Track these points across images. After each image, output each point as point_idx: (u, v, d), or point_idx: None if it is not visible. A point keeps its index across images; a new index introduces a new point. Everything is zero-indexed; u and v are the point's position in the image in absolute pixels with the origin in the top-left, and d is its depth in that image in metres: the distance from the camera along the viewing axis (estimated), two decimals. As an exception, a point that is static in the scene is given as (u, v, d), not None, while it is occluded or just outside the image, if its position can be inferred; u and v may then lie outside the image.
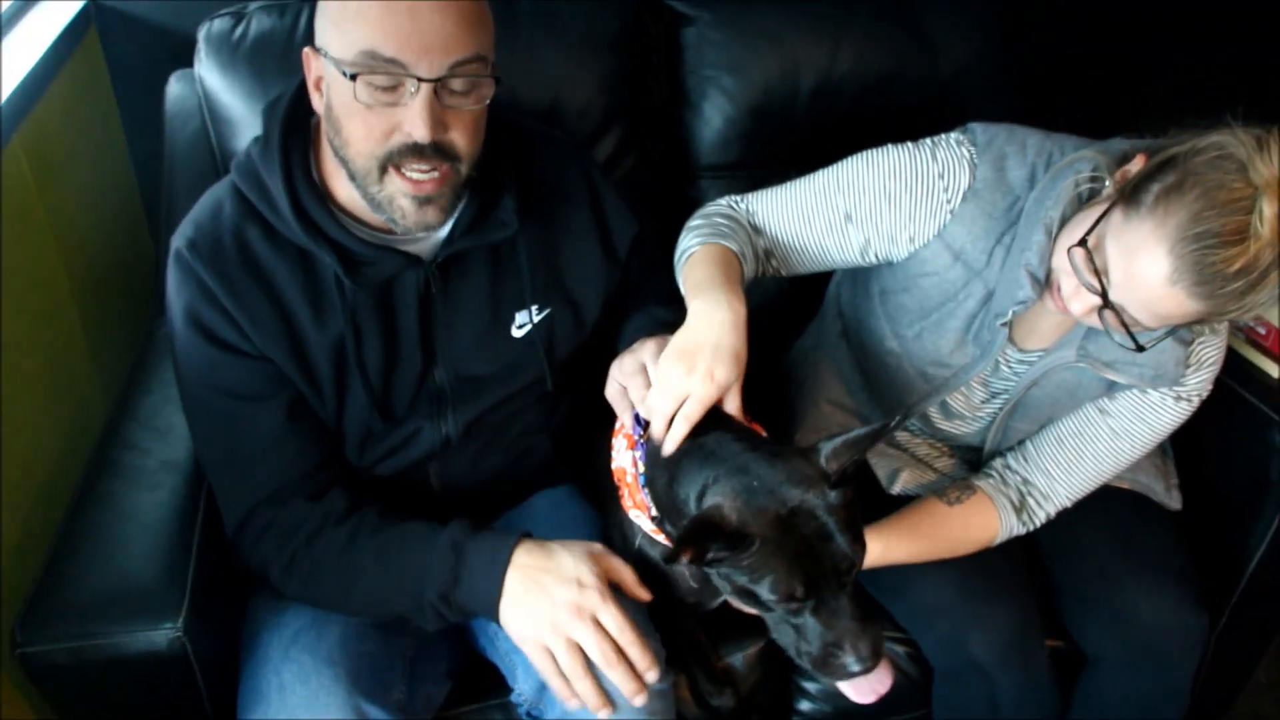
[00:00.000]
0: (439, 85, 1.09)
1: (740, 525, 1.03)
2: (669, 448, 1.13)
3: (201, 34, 1.61)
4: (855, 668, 1.05)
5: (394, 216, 1.16)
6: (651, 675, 1.14)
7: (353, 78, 1.08)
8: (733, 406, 1.16)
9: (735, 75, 1.78)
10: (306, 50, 1.16)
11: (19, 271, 1.45)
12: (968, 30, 1.83)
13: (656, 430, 1.14)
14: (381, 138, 1.11)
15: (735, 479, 1.07)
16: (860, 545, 1.06)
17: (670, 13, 1.81)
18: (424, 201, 1.15)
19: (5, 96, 1.43)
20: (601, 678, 1.15)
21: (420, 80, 1.07)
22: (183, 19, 1.81)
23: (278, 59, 1.58)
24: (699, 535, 1.03)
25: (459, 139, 1.13)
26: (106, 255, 1.82)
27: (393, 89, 1.09)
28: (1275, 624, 1.71)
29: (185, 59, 1.71)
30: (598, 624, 1.13)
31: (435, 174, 1.13)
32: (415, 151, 1.11)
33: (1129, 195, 1.14)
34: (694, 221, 1.40)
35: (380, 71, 1.07)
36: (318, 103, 1.17)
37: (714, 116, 1.81)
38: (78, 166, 1.75)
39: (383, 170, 1.13)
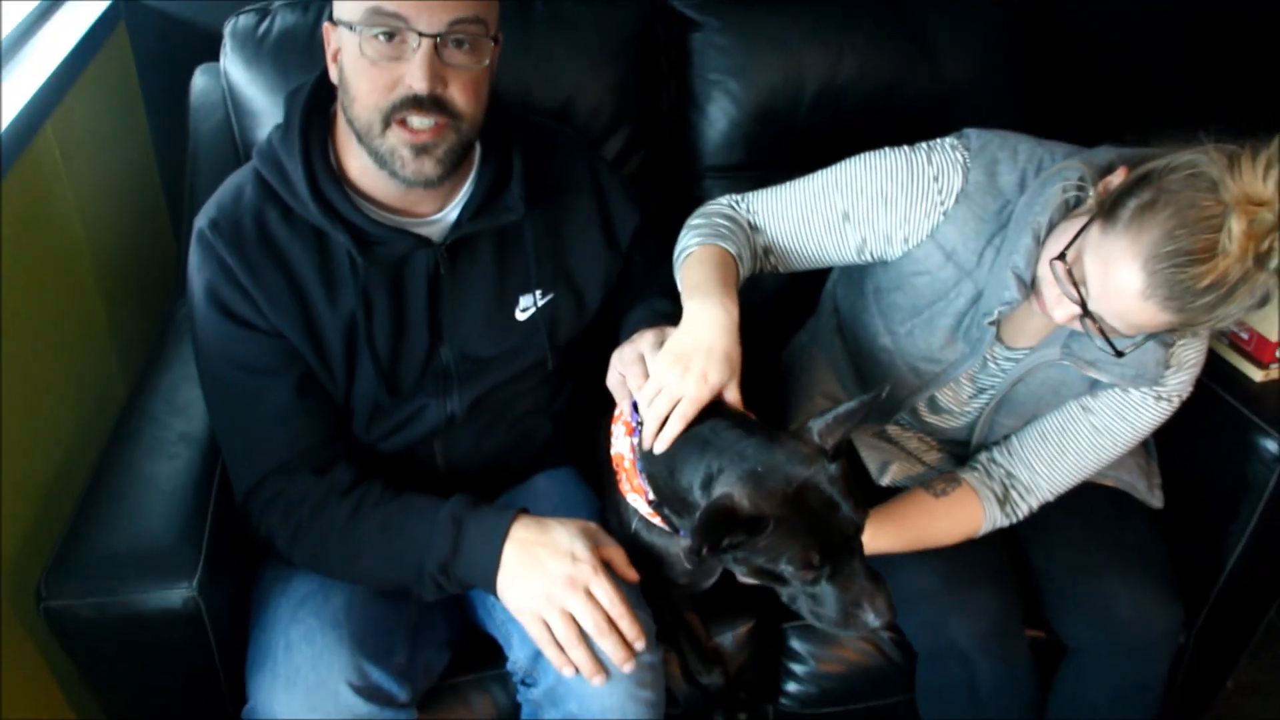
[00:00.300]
0: (438, 42, 1.15)
1: (753, 510, 1.08)
2: (660, 447, 1.17)
3: (227, 29, 1.66)
4: (875, 623, 1.11)
5: (394, 168, 1.21)
6: (640, 645, 1.19)
7: (361, 31, 1.14)
8: (733, 398, 1.21)
9: (741, 80, 1.81)
10: (325, 24, 1.23)
11: (47, 251, 1.52)
12: (969, 41, 1.86)
13: (649, 429, 1.19)
14: (385, 91, 1.17)
15: (738, 466, 1.11)
16: (863, 510, 1.11)
17: (679, 19, 1.84)
18: (420, 150, 1.20)
19: (39, 85, 1.49)
20: (594, 647, 1.19)
21: (420, 35, 1.14)
22: (207, 15, 1.86)
23: (300, 54, 1.63)
24: (718, 527, 1.07)
25: (458, 96, 1.19)
26: (128, 239, 1.87)
27: (396, 44, 1.15)
28: (1252, 624, 1.74)
29: (209, 53, 1.76)
30: (590, 595, 1.18)
31: (432, 124, 1.18)
32: (415, 104, 1.17)
33: (1107, 210, 1.18)
34: (694, 220, 1.44)
35: (382, 26, 1.13)
36: (334, 73, 1.24)
37: (719, 119, 1.84)
38: (103, 154, 1.80)
39: (385, 124, 1.18)
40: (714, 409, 1.19)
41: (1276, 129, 1.12)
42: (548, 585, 1.18)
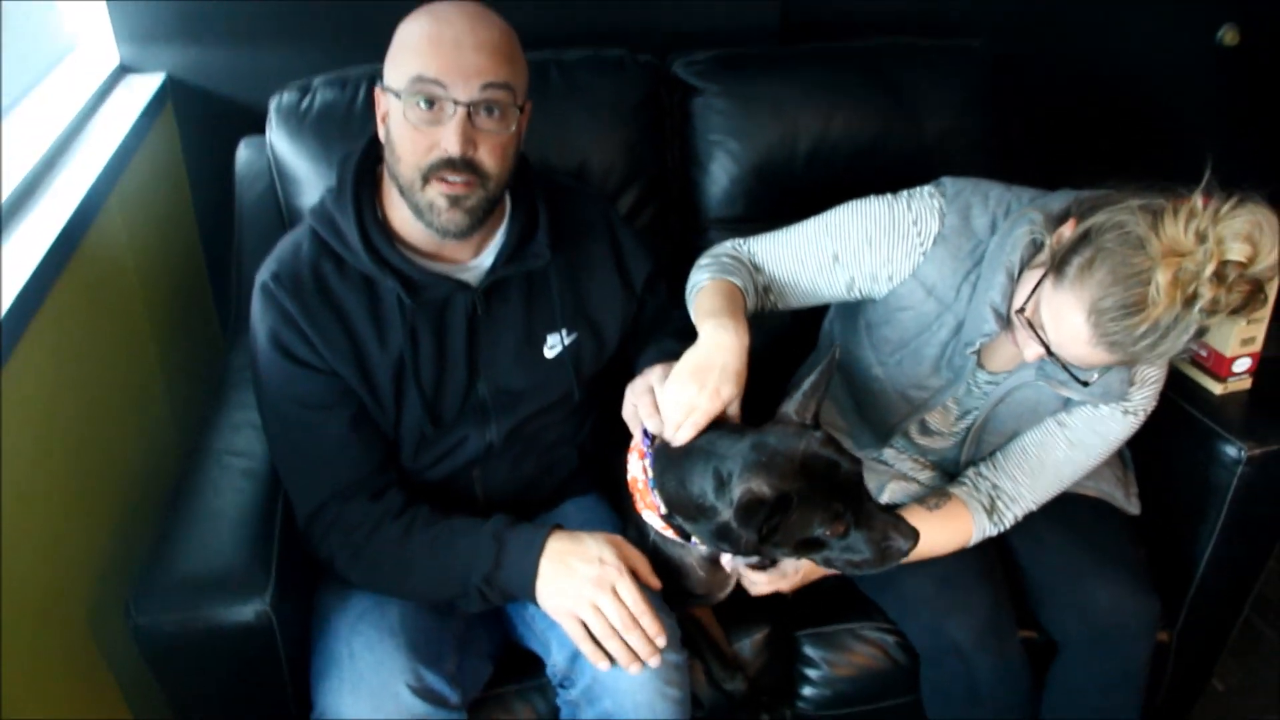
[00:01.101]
0: (471, 109, 1.30)
1: (775, 492, 1.21)
2: (679, 441, 1.31)
3: (273, 104, 1.80)
4: (905, 546, 1.26)
5: (431, 219, 1.35)
6: (661, 641, 1.32)
7: (405, 99, 1.29)
8: (734, 413, 1.35)
9: (739, 140, 1.93)
10: (376, 89, 1.38)
11: (113, 313, 1.67)
12: (943, 100, 1.99)
13: (668, 430, 1.32)
14: (424, 152, 1.31)
15: (745, 460, 1.25)
16: (858, 460, 1.26)
17: (682, 85, 1.97)
18: (454, 201, 1.34)
19: (105, 162, 1.63)
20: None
21: (456, 103, 1.29)
22: (245, 92, 2.04)
23: (340, 125, 1.77)
24: (753, 516, 1.20)
25: (486, 158, 1.33)
26: (177, 299, 2.02)
27: (435, 111, 1.30)
28: (1229, 621, 1.85)
29: (247, 127, 1.93)
30: (616, 594, 1.31)
31: (463, 180, 1.33)
32: (449, 165, 1.31)
33: (1057, 266, 1.33)
34: (703, 260, 1.58)
35: (425, 92, 1.28)
36: (382, 133, 1.38)
37: (721, 176, 1.96)
38: (156, 223, 1.95)
39: (425, 180, 1.33)
40: (713, 423, 1.33)
41: (1196, 163, 1.27)
42: (579, 586, 1.32)
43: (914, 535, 1.27)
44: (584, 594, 1.31)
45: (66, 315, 1.45)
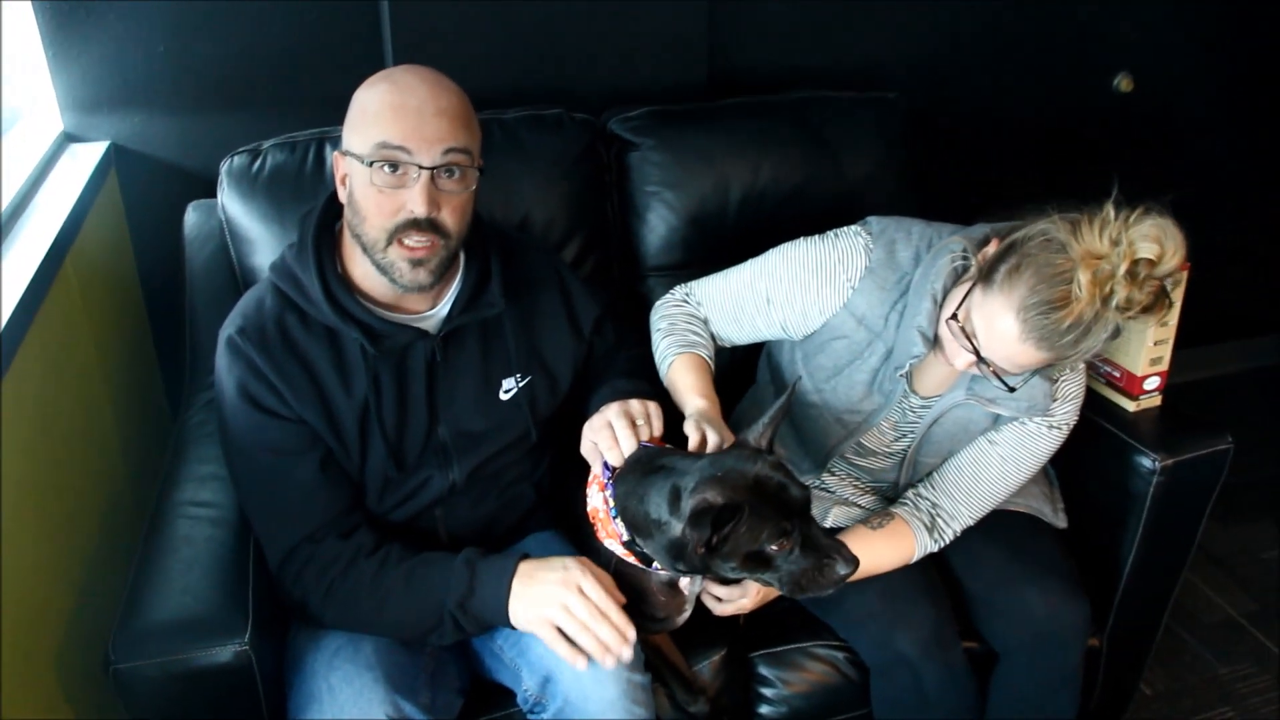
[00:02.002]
0: (434, 173, 1.37)
1: (728, 500, 1.30)
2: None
3: (224, 168, 1.84)
4: (844, 569, 1.35)
5: (394, 277, 1.42)
6: (631, 633, 1.38)
7: (370, 164, 1.35)
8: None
9: (675, 190, 2.02)
10: (335, 154, 1.44)
11: (71, 376, 1.71)
12: (865, 146, 2.11)
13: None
14: (391, 214, 1.38)
15: (699, 476, 1.33)
16: (806, 488, 1.35)
17: (618, 140, 2.06)
18: (416, 264, 1.41)
19: (57, 231, 1.65)
20: None
21: (421, 168, 1.36)
22: (188, 158, 2.09)
23: (291, 186, 1.83)
24: (703, 519, 1.28)
25: (448, 218, 1.41)
26: (129, 362, 2.05)
27: (400, 175, 1.37)
28: (1154, 624, 1.96)
29: (191, 192, 1.98)
30: (583, 593, 1.37)
31: (427, 243, 1.40)
32: (414, 225, 1.38)
33: (985, 275, 1.45)
34: (661, 323, 1.69)
35: (390, 158, 1.35)
36: (343, 194, 1.44)
37: (659, 225, 2.04)
38: (108, 288, 1.98)
39: (389, 241, 1.40)
40: (670, 450, 1.41)
41: (1100, 195, 1.40)
42: (548, 590, 1.38)
43: (854, 561, 1.35)
44: (553, 596, 1.37)
45: (26, 381, 1.48)
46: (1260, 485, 2.99)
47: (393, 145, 1.36)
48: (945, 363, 1.55)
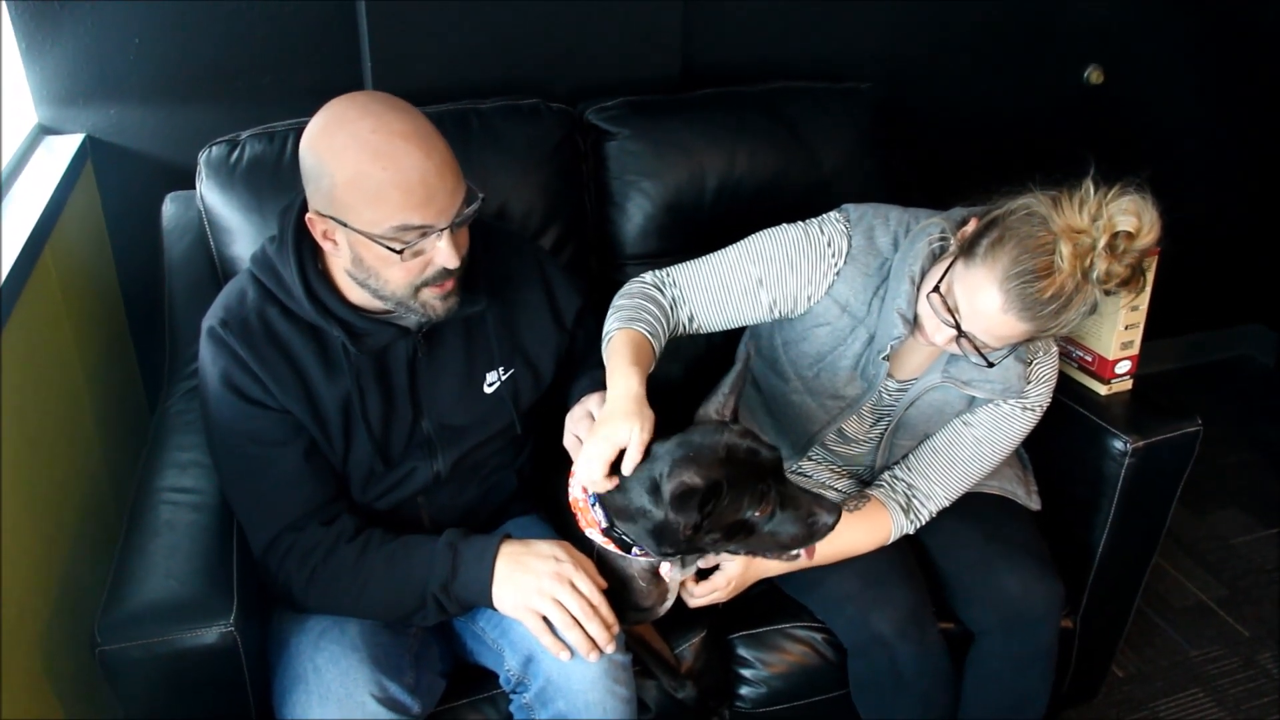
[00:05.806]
0: (453, 226, 1.36)
1: (706, 480, 1.31)
2: (627, 471, 1.37)
3: (202, 159, 1.84)
4: (829, 519, 1.36)
5: (428, 314, 1.43)
6: (617, 628, 1.40)
7: (399, 251, 1.33)
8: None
9: (652, 180, 2.03)
10: (310, 216, 1.38)
11: (47, 361, 1.70)
12: (837, 135, 2.13)
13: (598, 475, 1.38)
14: (419, 272, 1.38)
15: (673, 457, 1.35)
16: (775, 448, 1.36)
17: (595, 130, 2.06)
18: (447, 297, 1.43)
19: (33, 224, 1.65)
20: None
21: (441, 230, 1.35)
22: (164, 149, 2.08)
23: (270, 176, 1.82)
24: (688, 502, 1.29)
25: (463, 247, 1.41)
26: (106, 351, 2.05)
27: (422, 242, 1.35)
28: (1126, 605, 1.99)
29: (168, 183, 1.97)
30: (574, 587, 1.39)
31: (452, 280, 1.41)
32: (447, 275, 1.39)
33: (967, 250, 1.48)
34: (619, 301, 1.64)
35: (416, 239, 1.34)
36: (332, 251, 1.41)
37: (636, 214, 2.05)
38: (87, 279, 1.98)
39: (417, 291, 1.40)
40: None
41: (1073, 177, 1.43)
42: (538, 581, 1.39)
43: (836, 509, 1.37)
44: (544, 588, 1.39)
45: (5, 372, 1.48)
46: (1228, 474, 3.03)
47: (414, 226, 1.33)
48: (925, 342, 1.56)
